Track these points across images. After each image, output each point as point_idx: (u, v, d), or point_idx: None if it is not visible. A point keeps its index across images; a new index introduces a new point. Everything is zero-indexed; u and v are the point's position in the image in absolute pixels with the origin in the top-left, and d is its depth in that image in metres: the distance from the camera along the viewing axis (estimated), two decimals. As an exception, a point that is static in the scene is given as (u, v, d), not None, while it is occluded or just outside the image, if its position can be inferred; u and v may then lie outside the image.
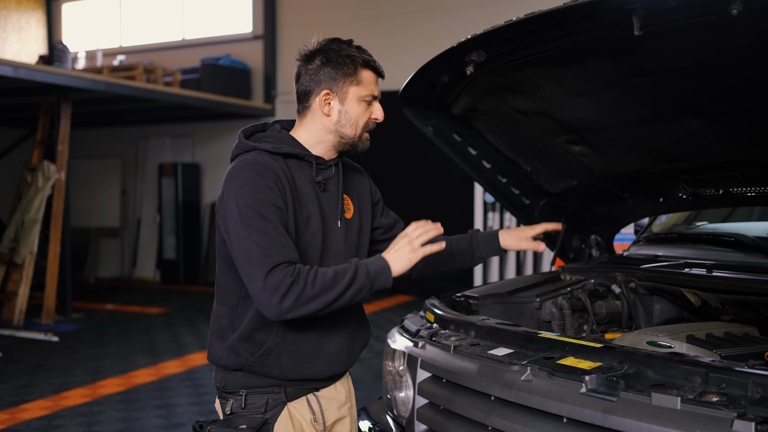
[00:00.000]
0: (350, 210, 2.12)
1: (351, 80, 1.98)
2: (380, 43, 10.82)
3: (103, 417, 5.11)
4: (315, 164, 2.02)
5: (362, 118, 2.01)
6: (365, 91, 2.00)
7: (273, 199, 1.87)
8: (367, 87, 2.00)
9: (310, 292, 1.81)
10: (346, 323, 2.10)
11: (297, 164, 2.00)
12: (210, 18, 12.90)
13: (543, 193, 3.24)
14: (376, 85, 2.04)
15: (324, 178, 2.04)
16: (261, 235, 1.82)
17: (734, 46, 1.98)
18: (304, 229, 1.97)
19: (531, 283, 2.89)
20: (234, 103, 11.16)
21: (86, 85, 8.77)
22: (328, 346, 2.06)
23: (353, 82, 1.99)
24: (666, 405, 1.60)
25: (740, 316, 2.68)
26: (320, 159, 2.04)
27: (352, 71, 1.98)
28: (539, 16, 2.09)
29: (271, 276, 1.79)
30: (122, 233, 13.33)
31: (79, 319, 9.00)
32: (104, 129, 13.54)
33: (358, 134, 2.02)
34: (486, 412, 1.98)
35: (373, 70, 2.02)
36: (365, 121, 2.02)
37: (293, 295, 1.79)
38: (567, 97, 2.56)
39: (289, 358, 2.01)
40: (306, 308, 1.82)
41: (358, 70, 1.99)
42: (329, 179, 2.06)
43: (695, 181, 2.81)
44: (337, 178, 2.07)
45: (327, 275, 1.84)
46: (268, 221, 1.84)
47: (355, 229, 2.13)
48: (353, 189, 2.17)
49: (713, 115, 2.35)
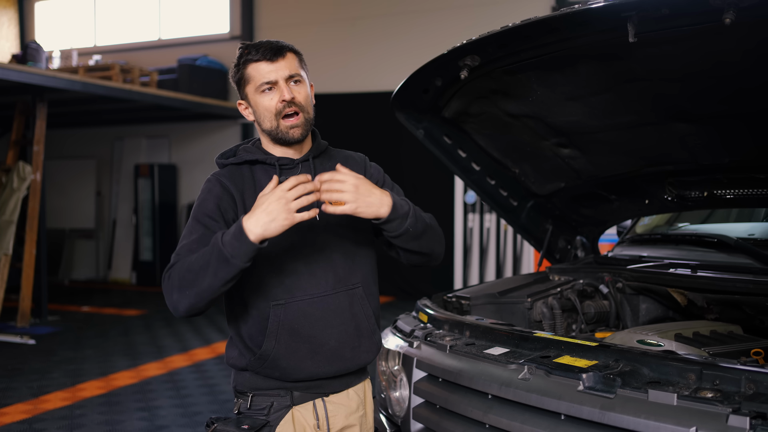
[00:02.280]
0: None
1: (244, 83, 2.05)
2: (358, 44, 10.86)
3: (85, 420, 5.07)
4: (278, 166, 2.06)
5: (270, 106, 2.02)
6: (257, 83, 2.02)
7: (208, 210, 1.99)
8: (257, 78, 2.01)
9: (180, 281, 1.87)
10: (341, 315, 2.05)
11: (263, 169, 2.07)
12: (186, 18, 12.81)
13: (531, 195, 3.30)
14: (272, 71, 2.01)
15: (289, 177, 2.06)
16: (181, 243, 1.98)
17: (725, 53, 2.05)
18: None
19: (521, 284, 2.94)
20: (211, 104, 11.11)
21: (63, 85, 8.67)
22: (327, 342, 2.03)
23: (246, 84, 2.04)
24: (663, 401, 1.65)
25: (724, 314, 2.76)
26: (285, 159, 2.08)
27: (241, 75, 2.05)
28: (535, 22, 2.14)
29: (163, 278, 1.95)
30: (97, 234, 13.17)
31: (55, 321, 8.89)
32: (79, 129, 13.37)
33: (275, 124, 2.02)
34: (484, 410, 2.02)
35: (258, 59, 2.01)
36: (274, 108, 2.01)
37: (174, 286, 1.88)
38: (558, 101, 2.62)
39: (287, 360, 2.01)
40: (186, 295, 1.86)
41: (244, 70, 2.04)
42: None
43: (681, 183, 2.88)
44: (309, 174, 2.07)
45: (189, 260, 1.89)
46: (193, 231, 1.97)
47: (346, 218, 2.05)
48: None
49: (701, 119, 2.42)
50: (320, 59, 11.05)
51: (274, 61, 2.00)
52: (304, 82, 2.06)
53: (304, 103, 2.04)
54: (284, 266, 2.02)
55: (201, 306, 1.89)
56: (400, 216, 1.93)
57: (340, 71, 10.90)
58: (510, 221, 3.41)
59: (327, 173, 1.89)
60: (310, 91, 2.10)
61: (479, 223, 9.47)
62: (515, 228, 3.46)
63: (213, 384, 5.97)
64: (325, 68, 10.93)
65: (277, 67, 2.00)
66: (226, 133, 12.15)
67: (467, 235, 9.60)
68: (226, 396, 5.58)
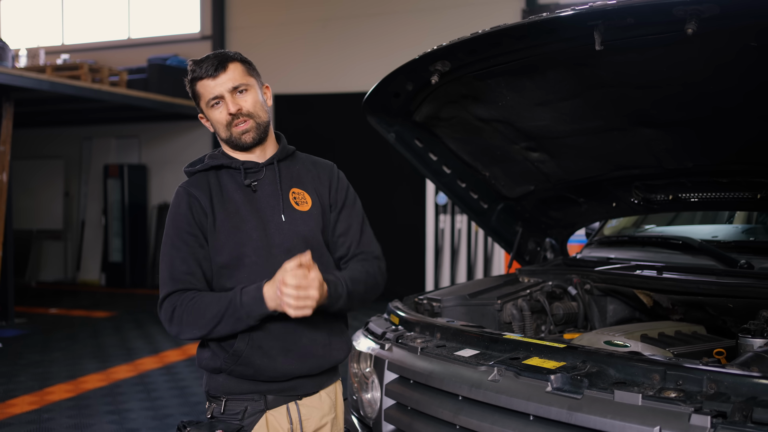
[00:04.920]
0: (307, 202, 2.15)
1: (197, 99, 2.14)
2: (330, 45, 10.86)
3: (54, 424, 5.01)
4: (243, 170, 2.12)
5: (221, 119, 2.10)
6: (206, 99, 2.10)
7: (185, 226, 2.07)
8: (204, 95, 2.10)
9: (189, 318, 1.99)
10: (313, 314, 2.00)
11: (229, 174, 2.13)
12: (156, 17, 12.70)
13: (501, 198, 3.34)
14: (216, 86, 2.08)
15: (255, 180, 2.12)
16: (167, 261, 2.06)
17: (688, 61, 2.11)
18: (236, 231, 2.06)
19: (491, 286, 2.98)
20: (182, 104, 11.02)
21: (30, 84, 8.54)
22: (299, 340, 2.07)
23: (198, 100, 2.14)
24: (628, 401, 1.69)
25: (689, 315, 2.82)
26: (250, 163, 2.13)
27: (193, 92, 2.13)
28: (505, 29, 2.18)
29: (164, 303, 2.03)
30: (65, 236, 13.00)
31: (22, 324, 8.76)
32: (46, 129, 13.18)
33: (230, 133, 2.11)
34: (454, 411, 2.04)
35: (201, 76, 2.08)
36: (225, 119, 2.10)
37: (176, 320, 2.00)
38: (527, 107, 2.66)
39: (260, 357, 2.03)
40: (191, 332, 2.01)
41: (194, 88, 2.12)
42: (262, 180, 2.13)
43: (647, 187, 2.94)
44: (273, 177, 2.13)
45: (203, 303, 1.99)
46: (177, 249, 2.05)
47: (314, 219, 2.14)
48: (308, 184, 2.19)
49: (666, 125, 2.48)
50: (291, 60, 11.04)
51: (215, 77, 2.06)
52: (252, 89, 2.11)
53: (253, 110, 2.10)
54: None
55: (202, 339, 2.06)
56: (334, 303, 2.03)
57: (310, 72, 10.90)
58: (480, 224, 3.45)
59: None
60: (263, 95, 2.16)
61: (450, 224, 9.53)
62: (486, 230, 3.50)
63: (184, 386, 5.94)
64: (295, 69, 10.91)
65: (220, 82, 2.07)
66: (197, 134, 12.07)
67: (439, 236, 9.65)
68: (198, 398, 5.56)
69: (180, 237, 2.05)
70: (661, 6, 1.90)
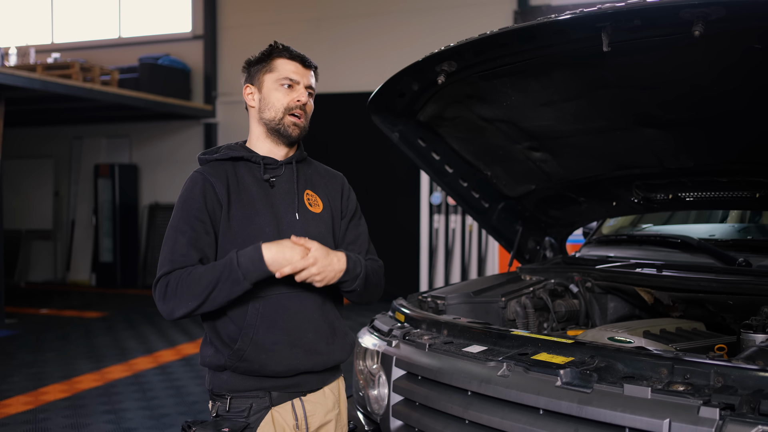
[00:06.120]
0: (319, 205, 2.20)
1: (265, 70, 2.15)
2: (322, 45, 10.86)
3: (50, 424, 5.00)
4: (263, 164, 2.14)
5: (281, 101, 2.12)
6: (280, 75, 2.12)
7: (194, 211, 2.05)
8: (282, 72, 2.12)
9: (183, 289, 1.96)
10: (317, 311, 2.13)
11: (247, 167, 2.14)
12: (148, 16, 12.65)
13: (502, 197, 3.38)
14: (298, 73, 2.14)
15: (273, 176, 2.15)
16: (170, 244, 2.04)
17: (694, 63, 2.15)
18: (249, 223, 2.08)
19: (495, 284, 3.01)
20: (174, 104, 11.00)
21: (21, 83, 8.49)
22: (305, 335, 2.10)
23: (267, 71, 2.14)
24: (637, 395, 1.73)
25: (688, 312, 2.87)
26: (269, 159, 2.15)
27: (266, 62, 2.15)
28: (514, 30, 2.21)
29: (159, 283, 2.01)
30: (55, 235, 12.92)
31: (13, 324, 8.71)
32: (36, 128, 13.10)
33: (280, 116, 2.12)
34: (464, 406, 2.07)
35: (291, 57, 2.15)
36: (286, 103, 2.12)
37: (170, 294, 1.98)
38: (531, 107, 2.70)
39: (266, 352, 2.05)
40: (186, 304, 1.97)
41: (272, 59, 2.15)
42: (280, 177, 2.16)
43: (647, 186, 2.99)
44: (290, 175, 2.16)
45: (197, 273, 1.97)
46: (182, 233, 2.03)
47: (325, 222, 2.19)
48: (321, 189, 2.24)
49: (669, 125, 2.53)
50: (284, 60, 11.02)
51: (305, 67, 2.15)
52: (311, 99, 2.20)
53: (309, 113, 2.19)
54: None
55: (196, 314, 2.01)
56: (351, 278, 2.09)
57: (304, 72, 10.88)
58: (481, 222, 3.49)
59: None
60: None
61: (445, 223, 9.57)
62: (486, 229, 3.54)
63: (180, 386, 5.93)
64: (289, 69, 10.89)
65: (305, 74, 2.15)
66: (189, 133, 12.05)
67: (433, 236, 9.68)
68: (194, 398, 5.56)
69: (187, 221, 2.04)
70: (669, 8, 1.94)
